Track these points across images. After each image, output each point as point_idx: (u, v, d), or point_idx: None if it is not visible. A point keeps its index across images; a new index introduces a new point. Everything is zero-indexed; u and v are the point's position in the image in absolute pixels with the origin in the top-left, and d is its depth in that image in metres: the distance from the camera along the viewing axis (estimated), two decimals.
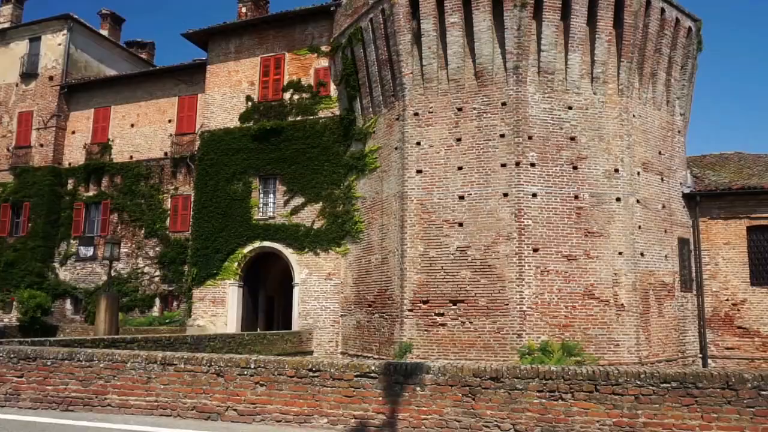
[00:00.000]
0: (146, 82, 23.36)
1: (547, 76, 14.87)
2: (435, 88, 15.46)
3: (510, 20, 14.65)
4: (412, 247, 15.02)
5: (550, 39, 14.79)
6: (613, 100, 15.16)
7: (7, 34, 26.12)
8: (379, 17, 16.16)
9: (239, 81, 20.26)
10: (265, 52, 20.00)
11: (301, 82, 19.24)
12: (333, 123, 18.42)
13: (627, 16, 14.97)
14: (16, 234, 23.93)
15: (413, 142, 15.48)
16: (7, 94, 25.67)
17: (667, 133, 16.74)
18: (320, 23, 19.25)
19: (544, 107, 14.80)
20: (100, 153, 23.47)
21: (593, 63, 15.05)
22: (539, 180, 14.44)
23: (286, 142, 18.90)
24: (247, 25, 20.39)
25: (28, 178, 24.00)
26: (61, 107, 24.44)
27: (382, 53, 16.28)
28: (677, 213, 16.67)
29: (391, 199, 15.93)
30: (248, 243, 19.05)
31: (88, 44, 26.22)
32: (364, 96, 17.36)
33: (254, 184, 19.29)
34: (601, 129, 14.94)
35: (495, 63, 14.95)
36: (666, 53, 16.28)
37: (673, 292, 15.91)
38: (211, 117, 20.53)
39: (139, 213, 22.20)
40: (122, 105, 23.54)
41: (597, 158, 14.79)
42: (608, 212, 14.61)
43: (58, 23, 25.15)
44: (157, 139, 22.60)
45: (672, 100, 16.96)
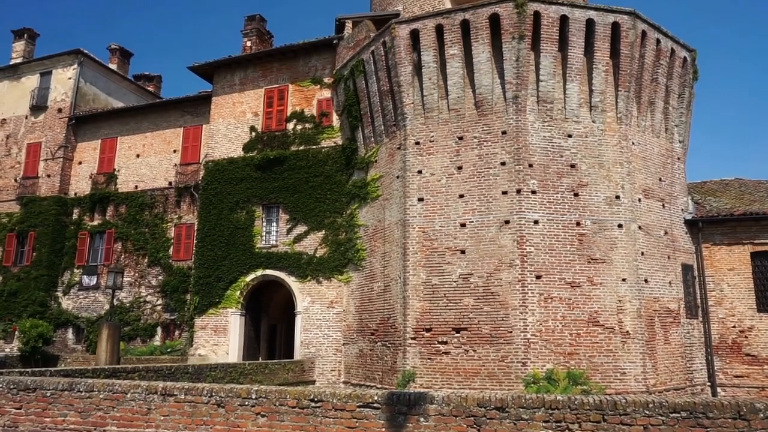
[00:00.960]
0: (152, 113, 23.78)
1: (546, 105, 15.08)
2: (436, 117, 15.68)
3: (509, 51, 14.94)
4: (415, 275, 15.02)
5: (549, 69, 15.05)
6: (612, 128, 15.33)
7: (19, 69, 26.76)
8: (380, 49, 16.51)
9: (243, 112, 20.61)
10: (269, 84, 20.39)
11: (304, 113, 19.55)
12: (335, 152, 18.64)
13: (623, 46, 15.25)
14: (20, 263, 24.05)
15: (415, 170, 15.63)
16: (17, 126, 26.15)
17: (667, 160, 16.85)
18: (323, 56, 19.67)
19: (543, 135, 14.96)
20: (105, 183, 23.74)
21: (591, 92, 15.27)
22: (540, 207, 14.50)
23: (289, 172, 19.10)
24: (252, 58, 20.85)
25: (34, 207, 24.24)
26: (69, 138, 24.84)
27: (384, 84, 16.58)
28: (680, 239, 16.65)
29: (393, 227, 16.00)
30: (251, 271, 19.08)
31: (97, 77, 26.80)
32: (366, 126, 17.61)
33: (257, 213, 19.42)
34: (601, 156, 15.07)
35: (494, 93, 15.19)
36: (663, 82, 16.52)
37: (678, 319, 15.78)
38: (215, 147, 20.81)
39: (143, 242, 22.33)
40: (128, 136, 23.92)
41: (598, 185, 14.88)
42: (610, 239, 14.62)
43: (68, 58, 25.76)
44: (162, 169, 22.89)
45: (670, 128, 17.12)
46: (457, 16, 15.43)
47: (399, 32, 15.86)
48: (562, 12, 15.06)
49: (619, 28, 15.23)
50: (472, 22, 15.25)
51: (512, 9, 14.90)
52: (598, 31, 15.16)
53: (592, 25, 15.16)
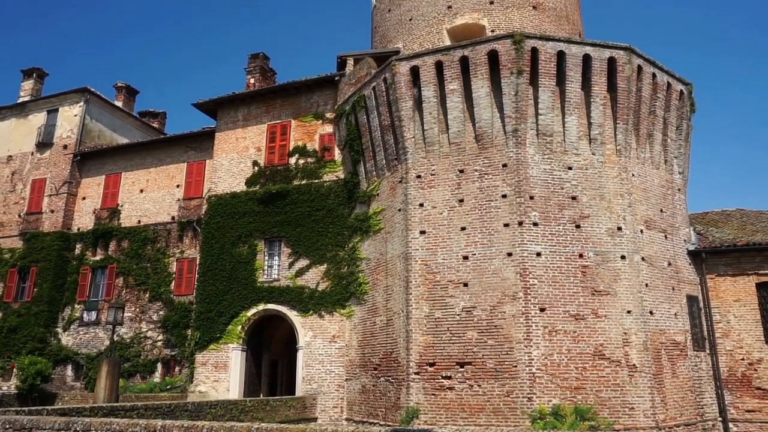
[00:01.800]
0: (156, 149, 24.06)
1: (545, 138, 15.24)
2: (436, 151, 15.83)
3: (507, 86, 15.19)
4: (417, 308, 14.91)
5: (547, 103, 15.26)
6: (611, 160, 15.44)
7: (27, 107, 27.23)
8: (381, 85, 16.79)
9: (246, 147, 20.84)
10: (272, 120, 20.69)
11: (306, 148, 19.76)
12: (337, 186, 18.76)
13: (620, 80, 15.50)
14: (21, 299, 23.95)
15: (416, 203, 15.69)
16: (23, 162, 26.44)
17: (668, 192, 16.91)
18: (325, 92, 20.01)
19: (544, 168, 15.07)
20: (109, 218, 23.84)
21: (590, 125, 15.44)
22: (543, 239, 14.49)
23: (292, 205, 19.19)
24: (255, 94, 21.21)
25: (36, 243, 24.29)
26: (74, 174, 25.07)
27: (385, 119, 16.80)
28: (684, 270, 16.56)
29: (395, 260, 15.96)
30: (252, 306, 18.96)
31: (103, 114, 27.22)
32: (368, 160, 17.76)
33: (259, 247, 19.42)
34: (601, 188, 15.13)
35: (494, 126, 15.37)
36: (660, 115, 16.71)
37: (685, 352, 15.56)
38: (218, 182, 20.97)
39: (145, 276, 22.28)
40: (132, 171, 24.14)
41: (599, 217, 14.89)
42: (614, 270, 14.55)
43: (75, 95, 26.23)
44: (165, 203, 23.01)
45: (670, 160, 17.23)
46: (456, 53, 15.74)
47: (399, 69, 16.16)
48: (559, 48, 15.36)
49: (615, 63, 15.51)
50: (471, 58, 15.55)
51: (510, 45, 15.21)
52: (594, 66, 15.43)
53: (588, 60, 15.44)
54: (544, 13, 19.59)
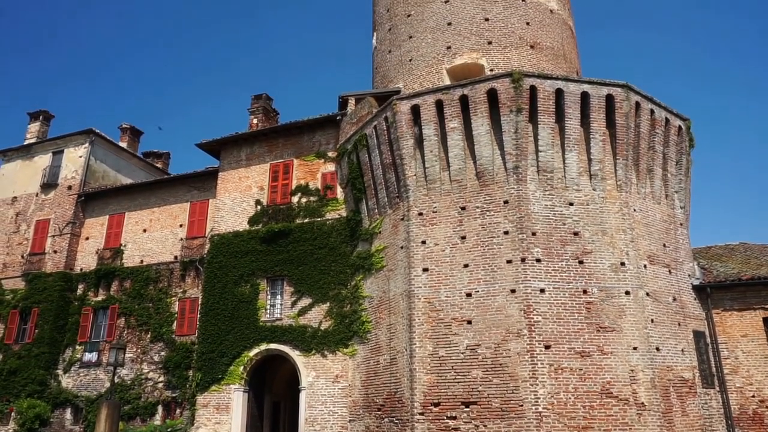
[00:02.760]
0: (160, 189, 24.24)
1: (546, 174, 15.36)
2: (438, 188, 15.95)
3: (507, 124, 15.41)
4: (421, 347, 14.74)
5: (547, 140, 15.45)
6: (612, 196, 15.51)
7: (33, 149, 27.61)
8: (382, 124, 17.05)
9: (249, 186, 21.01)
10: (275, 159, 20.92)
11: (308, 186, 19.92)
12: (340, 224, 18.82)
13: (618, 117, 15.72)
14: (21, 341, 23.75)
15: (418, 241, 15.71)
16: (27, 203, 26.64)
17: (670, 226, 16.92)
18: (327, 131, 20.29)
19: (545, 204, 15.14)
20: (111, 258, 23.85)
21: (590, 161, 15.58)
22: (546, 275, 14.44)
23: (294, 244, 19.21)
24: (258, 134, 21.50)
25: (39, 284, 24.23)
26: (77, 215, 25.22)
27: (386, 157, 16.99)
28: (689, 305, 16.43)
29: (398, 298, 15.88)
30: (254, 345, 18.77)
31: (107, 155, 27.56)
32: (370, 198, 17.88)
33: (262, 286, 19.36)
34: (603, 223, 15.16)
35: (495, 164, 15.52)
36: (660, 150, 16.87)
37: (694, 389, 15.29)
38: (221, 221, 21.06)
39: (146, 317, 22.13)
40: (136, 211, 24.27)
41: (602, 252, 14.87)
42: (618, 306, 14.44)
43: (80, 137, 26.61)
44: (168, 243, 23.05)
45: (671, 194, 17.31)
46: (456, 92, 16.04)
47: (400, 108, 16.44)
48: (557, 86, 15.65)
49: (613, 99, 15.75)
50: (470, 96, 15.83)
51: (509, 84, 15.51)
52: (593, 103, 15.68)
53: (586, 97, 15.70)
54: (541, 52, 20.02)
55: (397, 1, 22.23)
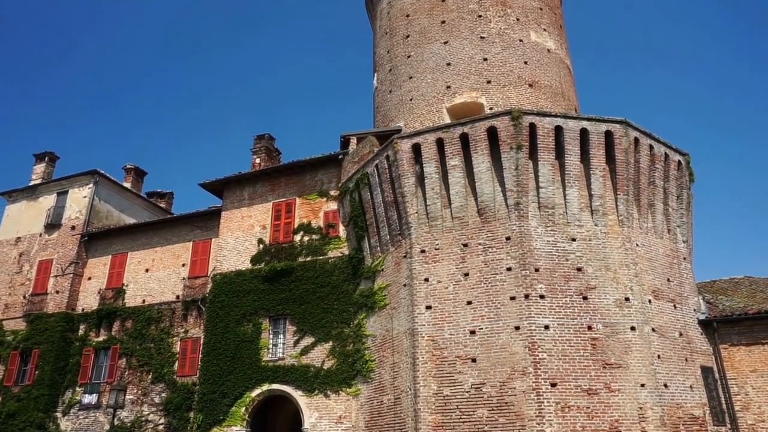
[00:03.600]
0: (163, 228, 24.34)
1: (547, 210, 15.43)
2: (440, 225, 16.01)
3: (507, 161, 15.58)
4: (425, 386, 14.53)
5: (548, 176, 15.59)
6: (615, 231, 15.54)
7: (38, 190, 27.87)
8: (384, 163, 17.24)
9: (252, 225, 21.10)
10: (277, 198, 21.09)
11: (311, 225, 20.01)
12: (342, 262, 18.81)
13: (618, 153, 15.89)
14: (21, 382, 23.45)
15: (421, 278, 15.68)
16: (31, 244, 26.72)
17: (673, 261, 16.88)
18: (329, 170, 20.51)
19: (547, 240, 15.16)
20: (113, 298, 23.77)
21: (591, 197, 15.67)
22: (550, 312, 14.35)
23: (297, 282, 19.17)
24: (261, 173, 21.73)
25: (40, 324, 24.08)
26: (80, 255, 25.26)
27: (388, 195, 17.12)
28: (696, 340, 16.24)
29: (401, 337, 15.74)
30: (257, 386, 18.51)
31: (111, 195, 27.79)
32: (372, 235, 17.93)
33: (264, 325, 19.23)
34: (606, 259, 15.14)
35: (496, 200, 15.62)
36: (660, 185, 16.97)
37: (705, 427, 14.96)
38: (223, 260, 21.07)
39: (148, 357, 21.90)
40: (139, 251, 24.31)
41: (606, 288, 14.81)
42: (624, 342, 14.29)
43: (85, 178, 26.89)
44: (171, 282, 23.01)
45: (673, 229, 17.33)
46: (456, 130, 16.28)
47: (401, 146, 16.66)
48: (557, 123, 15.88)
49: (612, 135, 15.96)
50: (471, 135, 16.05)
51: (509, 122, 15.75)
52: (592, 140, 15.87)
53: (586, 134, 15.91)
54: (539, 90, 20.38)
55: (397, 43, 22.79)
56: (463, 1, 21.80)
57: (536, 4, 22.49)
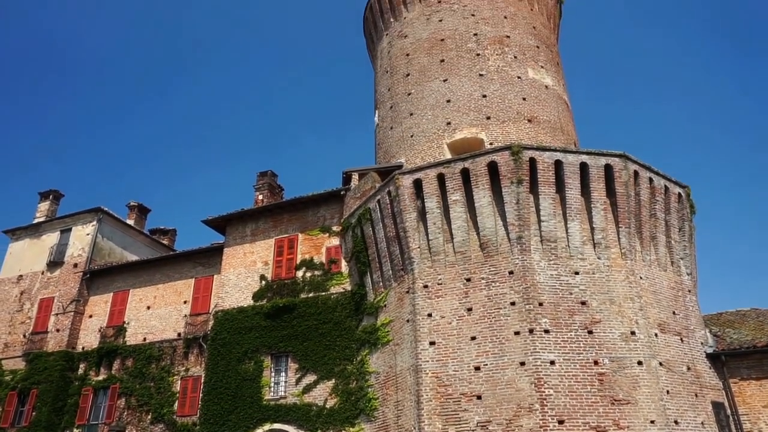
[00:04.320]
0: (165, 265, 24.31)
1: (550, 244, 15.42)
2: (442, 260, 15.98)
3: (509, 195, 15.66)
4: (430, 425, 14.24)
5: (549, 210, 15.64)
6: (618, 264, 15.48)
7: (41, 227, 27.98)
8: (385, 198, 17.34)
9: (254, 261, 21.08)
10: (280, 234, 21.13)
11: (313, 261, 19.98)
12: (345, 298, 18.71)
13: (618, 186, 15.97)
14: (18, 424, 23.02)
15: (424, 313, 15.56)
16: (33, 282, 26.67)
17: (678, 293, 16.75)
18: (331, 206, 20.62)
19: (551, 274, 15.09)
20: (114, 336, 23.56)
21: (593, 230, 15.68)
22: (555, 347, 14.17)
23: (299, 319, 19.02)
24: (264, 210, 21.83)
25: (39, 363, 23.81)
26: (82, 292, 25.17)
27: (390, 230, 17.15)
28: (705, 375, 15.96)
29: (405, 373, 15.51)
30: (258, 425, 18.14)
31: (114, 233, 27.86)
32: (375, 271, 17.87)
33: (266, 363, 18.98)
34: (610, 292, 15.04)
35: (498, 234, 15.63)
36: (662, 217, 16.99)
37: None
38: (225, 297, 20.97)
39: (147, 397, 21.54)
40: (140, 288, 24.23)
41: (611, 321, 14.65)
42: (632, 377, 14.05)
43: (89, 215, 27.02)
44: (172, 320, 22.84)
45: (676, 261, 17.26)
46: (457, 165, 16.42)
47: (403, 182, 16.78)
48: (556, 157, 16.02)
49: (611, 169, 16.07)
50: (471, 170, 16.19)
51: (509, 157, 15.91)
52: (592, 173, 15.98)
53: (585, 167, 16.04)
54: (539, 125, 20.65)
55: (398, 81, 23.22)
56: (461, 41, 22.33)
57: (533, 43, 23.01)
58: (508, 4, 23.61)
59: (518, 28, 23.04)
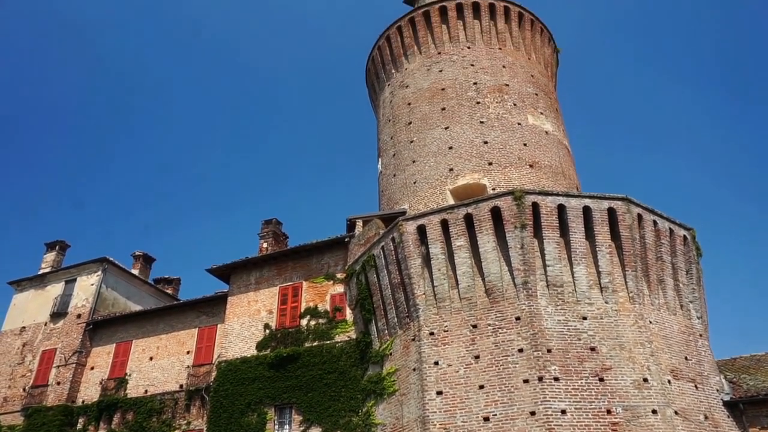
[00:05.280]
0: (168, 315, 24.12)
1: (556, 288, 15.25)
2: (448, 307, 15.79)
3: (513, 240, 15.61)
4: None
5: (554, 254, 15.54)
6: (626, 308, 15.24)
7: (46, 278, 27.96)
8: (389, 245, 17.31)
9: (258, 310, 20.90)
10: (284, 282, 21.02)
11: (317, 308, 19.79)
12: (350, 347, 18.41)
13: (622, 229, 15.92)
14: None
15: (431, 362, 15.25)
16: (35, 333, 26.44)
17: (689, 338, 16.40)
18: (335, 253, 20.58)
19: (558, 319, 14.86)
20: (115, 388, 23.12)
21: (599, 273, 15.53)
22: (566, 395, 13.78)
23: (303, 369, 18.66)
24: (268, 258, 21.81)
25: (38, 418, 23.28)
26: (84, 343, 24.90)
27: (395, 277, 17.04)
28: (723, 424, 15.42)
29: (412, 425, 15.06)
30: None
31: (118, 283, 27.80)
32: (380, 318, 17.66)
33: (269, 415, 18.50)
34: (620, 337, 14.74)
35: (504, 280, 15.49)
36: (668, 260, 16.84)
37: None
38: (228, 347, 20.68)
39: None
40: (143, 338, 23.95)
41: (622, 368, 14.30)
42: (646, 427, 13.57)
43: (94, 266, 27.04)
44: (174, 371, 22.46)
45: (685, 305, 16.99)
46: (460, 211, 16.46)
47: (407, 228, 16.79)
48: (559, 201, 16.05)
49: (615, 212, 16.06)
50: (475, 215, 16.21)
51: (512, 202, 15.95)
52: (595, 217, 15.96)
53: (589, 211, 16.03)
54: (540, 170, 20.79)
55: (400, 129, 23.61)
56: (461, 89, 22.81)
57: (531, 90, 23.47)
58: (506, 54, 24.24)
59: (517, 77, 23.55)
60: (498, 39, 24.53)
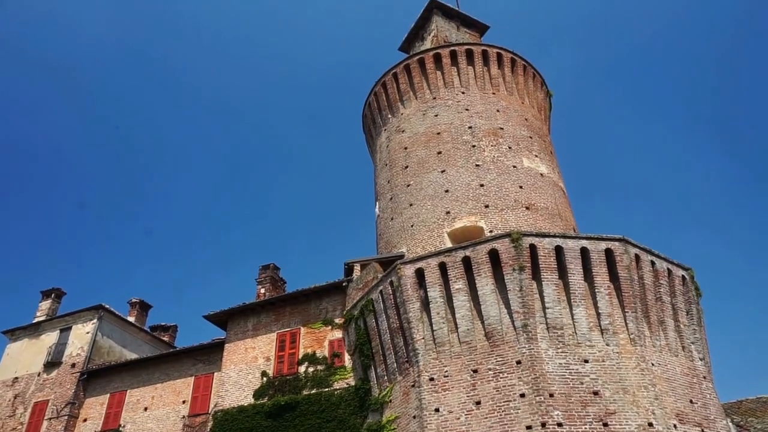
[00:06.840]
0: (164, 363, 23.73)
1: (556, 331, 15.11)
2: (448, 351, 15.60)
3: (511, 282, 15.57)
4: None
5: (553, 296, 15.47)
6: (627, 350, 15.07)
7: (41, 327, 27.62)
8: (388, 289, 17.23)
9: (255, 357, 20.59)
10: (282, 328, 20.80)
11: (315, 355, 19.52)
12: (348, 394, 18.06)
13: (620, 270, 15.91)
14: None
15: (431, 409, 14.95)
16: (28, 384, 25.92)
17: (693, 380, 16.16)
18: (333, 298, 20.45)
19: (559, 362, 14.66)
20: None
21: (599, 315, 15.42)
22: None
23: (301, 418, 18.25)
24: (265, 303, 21.64)
25: None
26: (78, 394, 24.38)
27: (394, 321, 16.89)
28: None
29: None
30: None
31: (114, 330, 27.46)
32: (379, 364, 17.40)
33: None
34: (623, 380, 14.51)
35: (503, 323, 15.37)
36: (668, 301, 16.76)
37: None
38: (225, 395, 20.27)
39: None
40: (138, 388, 23.48)
41: (626, 413, 14.02)
42: None
43: (89, 313, 26.76)
44: (170, 421, 21.93)
45: (687, 346, 16.81)
46: (458, 254, 16.47)
47: (405, 272, 16.76)
48: (557, 243, 16.09)
49: (612, 253, 16.08)
50: (473, 258, 16.21)
51: (509, 244, 15.98)
52: (593, 258, 15.97)
53: (586, 252, 16.05)
54: (537, 212, 20.92)
55: (397, 173, 23.87)
56: (457, 133, 23.20)
57: (525, 133, 23.88)
58: (499, 99, 24.77)
59: (511, 121, 24.00)
60: (492, 84, 25.12)
